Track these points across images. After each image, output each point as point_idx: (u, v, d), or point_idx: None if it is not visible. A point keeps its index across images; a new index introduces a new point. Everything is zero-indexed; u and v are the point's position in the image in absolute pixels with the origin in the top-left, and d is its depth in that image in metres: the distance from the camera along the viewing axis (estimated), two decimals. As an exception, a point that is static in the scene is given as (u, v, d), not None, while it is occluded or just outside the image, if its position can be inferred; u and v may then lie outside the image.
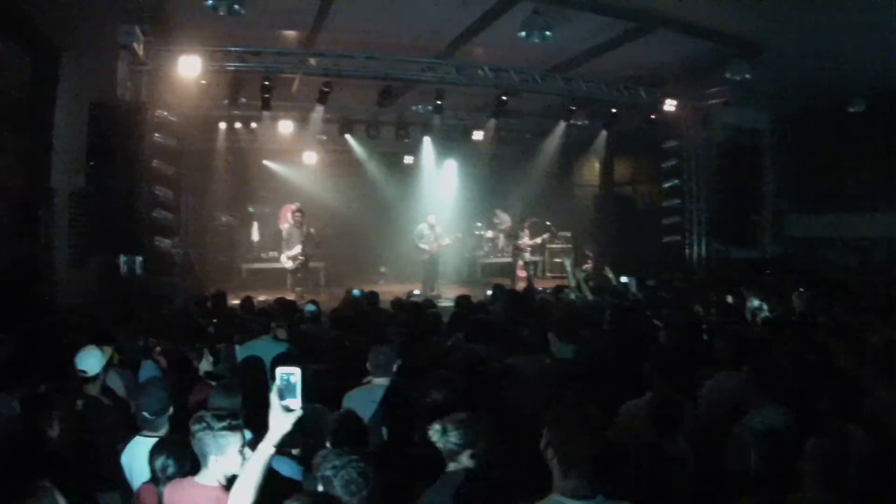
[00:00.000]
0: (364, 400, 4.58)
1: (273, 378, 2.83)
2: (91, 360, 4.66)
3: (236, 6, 8.80)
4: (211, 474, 3.22)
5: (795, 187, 15.88)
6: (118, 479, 3.89)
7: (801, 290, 8.67)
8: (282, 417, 2.74)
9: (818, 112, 14.38)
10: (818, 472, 2.98)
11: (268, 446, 2.75)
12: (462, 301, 8.68)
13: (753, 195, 15.45)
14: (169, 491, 3.32)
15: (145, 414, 4.01)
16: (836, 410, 3.72)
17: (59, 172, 10.74)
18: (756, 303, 8.29)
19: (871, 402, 3.85)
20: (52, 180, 10.60)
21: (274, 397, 2.74)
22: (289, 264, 14.53)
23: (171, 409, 4.07)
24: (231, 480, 2.97)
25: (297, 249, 14.48)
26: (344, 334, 6.69)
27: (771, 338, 5.57)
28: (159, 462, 3.44)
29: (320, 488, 2.94)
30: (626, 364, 5.10)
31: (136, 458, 3.78)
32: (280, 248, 15.07)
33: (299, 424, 2.80)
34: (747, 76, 12.04)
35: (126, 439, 4.00)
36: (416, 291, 10.82)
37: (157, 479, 3.43)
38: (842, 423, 3.52)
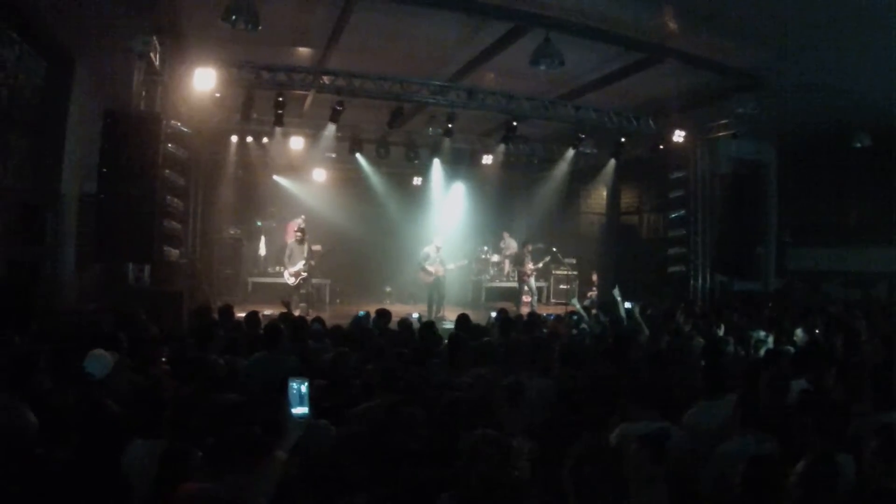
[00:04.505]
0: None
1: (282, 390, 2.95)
2: (99, 364, 4.73)
3: (250, 25, 8.91)
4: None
5: (798, 220, 15.94)
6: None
7: (805, 323, 8.80)
8: (295, 425, 2.87)
9: (822, 145, 14.48)
10: (804, 496, 2.99)
11: (281, 453, 2.84)
12: (462, 322, 8.57)
13: (757, 227, 15.53)
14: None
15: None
16: (823, 440, 3.74)
17: (70, 178, 10.87)
18: (762, 334, 8.36)
19: (856, 429, 3.88)
20: (61, 186, 10.72)
21: (288, 407, 2.87)
22: (291, 280, 14.60)
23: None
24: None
25: (300, 265, 14.56)
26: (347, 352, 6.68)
27: (769, 368, 5.59)
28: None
29: None
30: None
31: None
32: (284, 264, 15.18)
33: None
34: (754, 110, 12.20)
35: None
36: (415, 315, 10.58)
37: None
38: (829, 451, 3.54)
